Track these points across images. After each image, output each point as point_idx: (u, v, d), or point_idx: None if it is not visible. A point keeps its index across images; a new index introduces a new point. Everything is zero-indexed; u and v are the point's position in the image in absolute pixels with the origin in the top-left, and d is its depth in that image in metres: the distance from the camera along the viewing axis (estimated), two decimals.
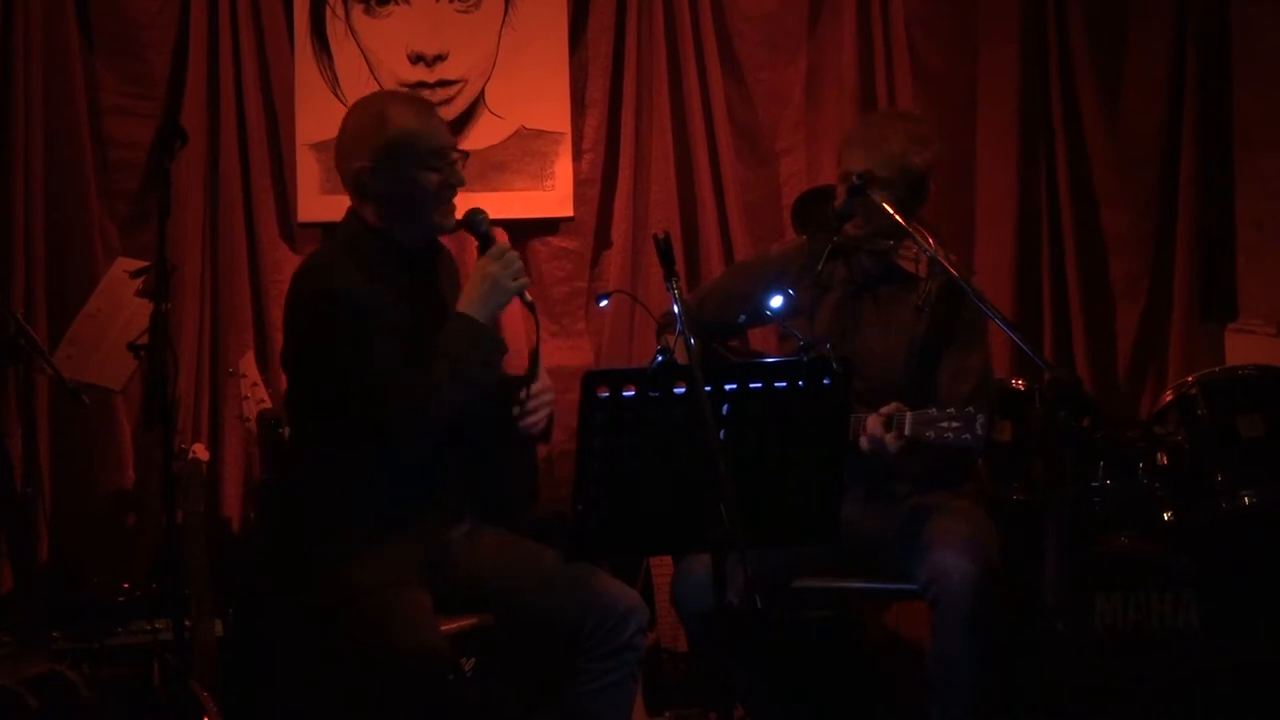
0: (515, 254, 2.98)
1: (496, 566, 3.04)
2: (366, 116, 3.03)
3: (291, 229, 4.48)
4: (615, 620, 2.95)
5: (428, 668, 2.78)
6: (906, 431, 3.04)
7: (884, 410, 3.06)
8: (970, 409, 2.99)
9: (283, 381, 4.33)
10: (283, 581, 2.99)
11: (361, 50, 4.49)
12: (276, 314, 4.41)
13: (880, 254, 3.33)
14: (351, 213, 3.04)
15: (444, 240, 3.16)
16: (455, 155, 3.00)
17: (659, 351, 2.69)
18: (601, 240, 4.61)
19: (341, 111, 4.38)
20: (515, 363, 3.65)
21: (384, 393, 2.81)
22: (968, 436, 2.98)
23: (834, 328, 3.30)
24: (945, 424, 3.01)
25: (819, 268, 3.29)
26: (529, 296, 3.00)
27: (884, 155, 3.25)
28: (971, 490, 3.38)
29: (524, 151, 4.53)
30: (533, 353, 3.05)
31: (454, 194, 3.01)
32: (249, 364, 3.92)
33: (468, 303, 2.92)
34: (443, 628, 2.90)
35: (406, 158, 2.94)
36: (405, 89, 4.41)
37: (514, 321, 4.27)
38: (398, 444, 2.85)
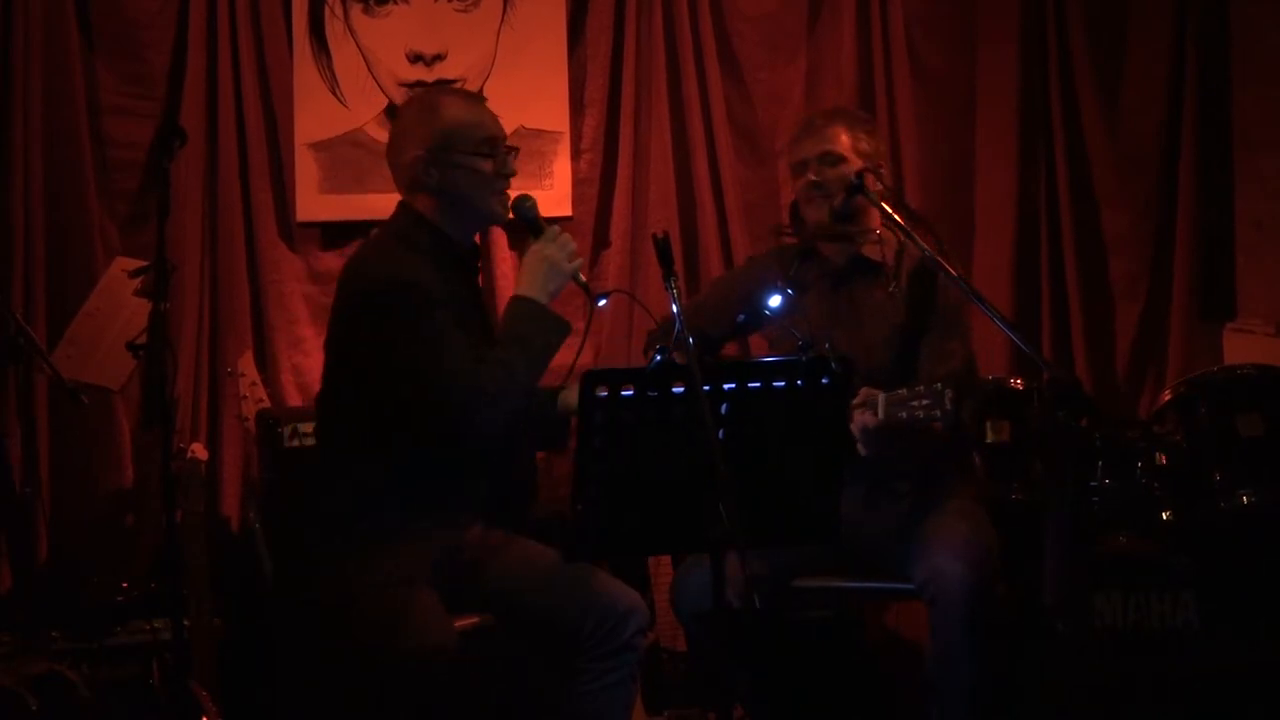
0: (568, 236, 3.00)
1: (497, 566, 3.04)
2: (419, 109, 3.06)
3: (290, 229, 4.48)
4: (615, 620, 2.95)
5: (439, 666, 2.78)
6: (879, 414, 3.06)
7: (856, 401, 3.08)
8: (938, 385, 3.01)
9: (281, 381, 4.37)
10: (287, 580, 2.98)
11: (360, 50, 4.50)
12: (275, 314, 4.42)
13: (847, 241, 3.34)
14: (403, 206, 3.03)
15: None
16: (507, 146, 3.03)
17: (658, 351, 2.69)
18: (600, 240, 4.61)
19: (340, 111, 4.48)
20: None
21: (459, 382, 2.78)
22: (937, 412, 3.00)
23: (817, 326, 3.31)
24: (916, 403, 3.03)
25: (792, 271, 3.36)
26: (584, 277, 3.03)
27: (843, 138, 3.34)
28: (970, 489, 3.38)
29: (523, 151, 4.46)
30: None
31: (507, 184, 3.02)
32: (248, 363, 3.92)
33: (528, 287, 2.92)
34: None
35: (460, 145, 2.96)
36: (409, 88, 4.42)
37: None
38: (471, 433, 2.81)
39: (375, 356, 2.85)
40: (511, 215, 3.05)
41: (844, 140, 3.34)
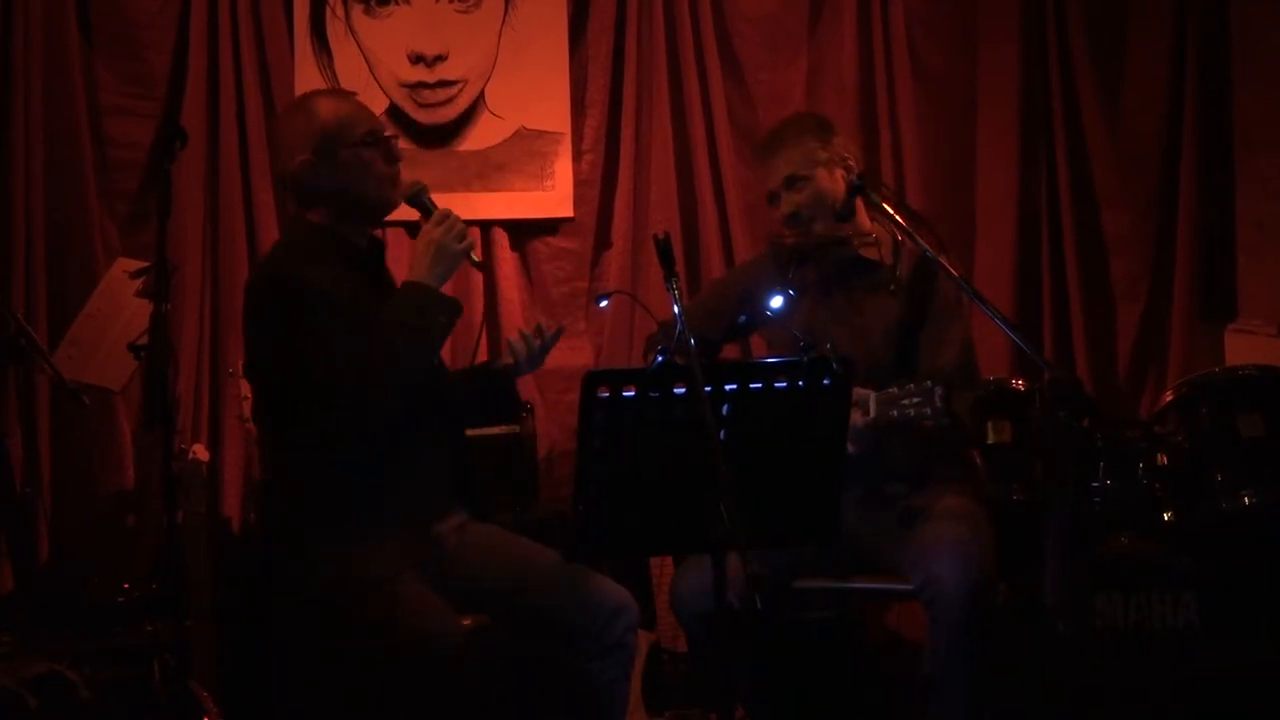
0: (457, 217, 2.95)
1: (488, 566, 3.03)
2: (295, 115, 3.05)
3: None
4: (605, 618, 2.94)
5: (447, 659, 2.77)
6: (871, 413, 3.07)
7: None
8: (928, 383, 3.01)
9: None
10: (282, 579, 2.98)
11: (361, 50, 4.49)
12: None
13: (840, 245, 3.34)
14: (294, 221, 3.05)
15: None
16: (386, 134, 3.01)
17: (659, 352, 2.69)
18: (601, 241, 4.61)
19: None
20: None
21: (335, 370, 2.77)
22: (928, 410, 3.01)
23: (816, 326, 3.31)
24: (906, 401, 3.04)
25: (790, 271, 3.34)
26: (476, 256, 2.99)
27: (794, 157, 3.30)
28: (968, 488, 3.36)
29: (524, 152, 4.53)
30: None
31: (394, 169, 3.00)
32: None
33: (416, 272, 2.90)
34: None
35: (344, 140, 2.96)
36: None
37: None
38: (361, 423, 2.80)
39: (267, 360, 2.90)
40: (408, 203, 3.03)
41: (799, 159, 3.30)
